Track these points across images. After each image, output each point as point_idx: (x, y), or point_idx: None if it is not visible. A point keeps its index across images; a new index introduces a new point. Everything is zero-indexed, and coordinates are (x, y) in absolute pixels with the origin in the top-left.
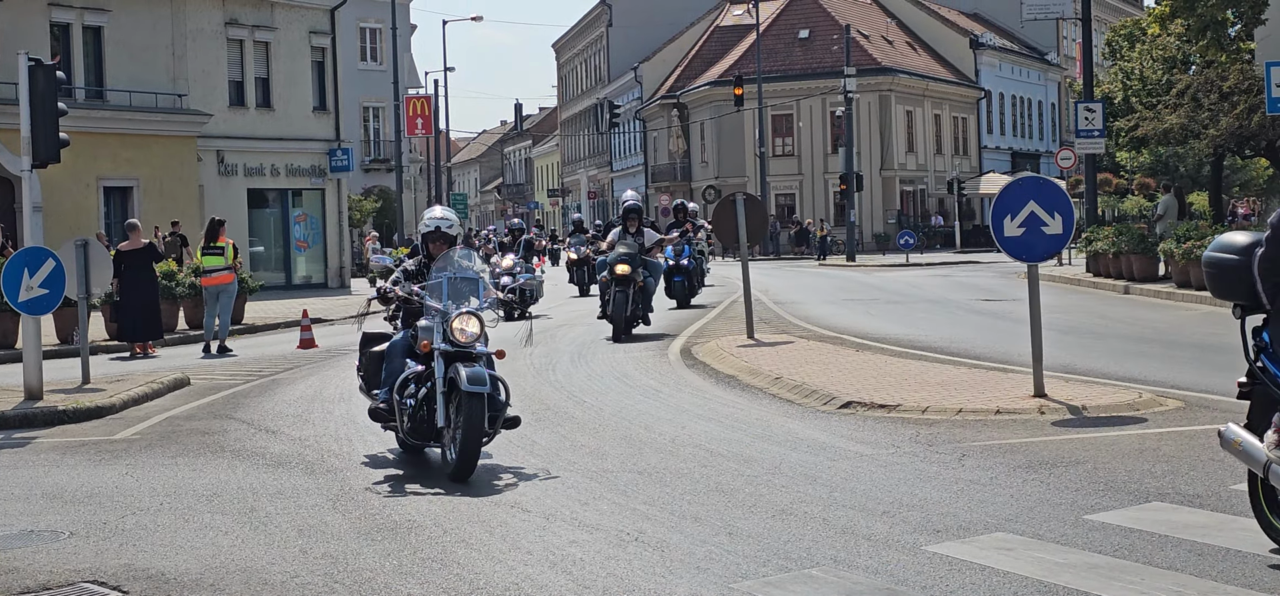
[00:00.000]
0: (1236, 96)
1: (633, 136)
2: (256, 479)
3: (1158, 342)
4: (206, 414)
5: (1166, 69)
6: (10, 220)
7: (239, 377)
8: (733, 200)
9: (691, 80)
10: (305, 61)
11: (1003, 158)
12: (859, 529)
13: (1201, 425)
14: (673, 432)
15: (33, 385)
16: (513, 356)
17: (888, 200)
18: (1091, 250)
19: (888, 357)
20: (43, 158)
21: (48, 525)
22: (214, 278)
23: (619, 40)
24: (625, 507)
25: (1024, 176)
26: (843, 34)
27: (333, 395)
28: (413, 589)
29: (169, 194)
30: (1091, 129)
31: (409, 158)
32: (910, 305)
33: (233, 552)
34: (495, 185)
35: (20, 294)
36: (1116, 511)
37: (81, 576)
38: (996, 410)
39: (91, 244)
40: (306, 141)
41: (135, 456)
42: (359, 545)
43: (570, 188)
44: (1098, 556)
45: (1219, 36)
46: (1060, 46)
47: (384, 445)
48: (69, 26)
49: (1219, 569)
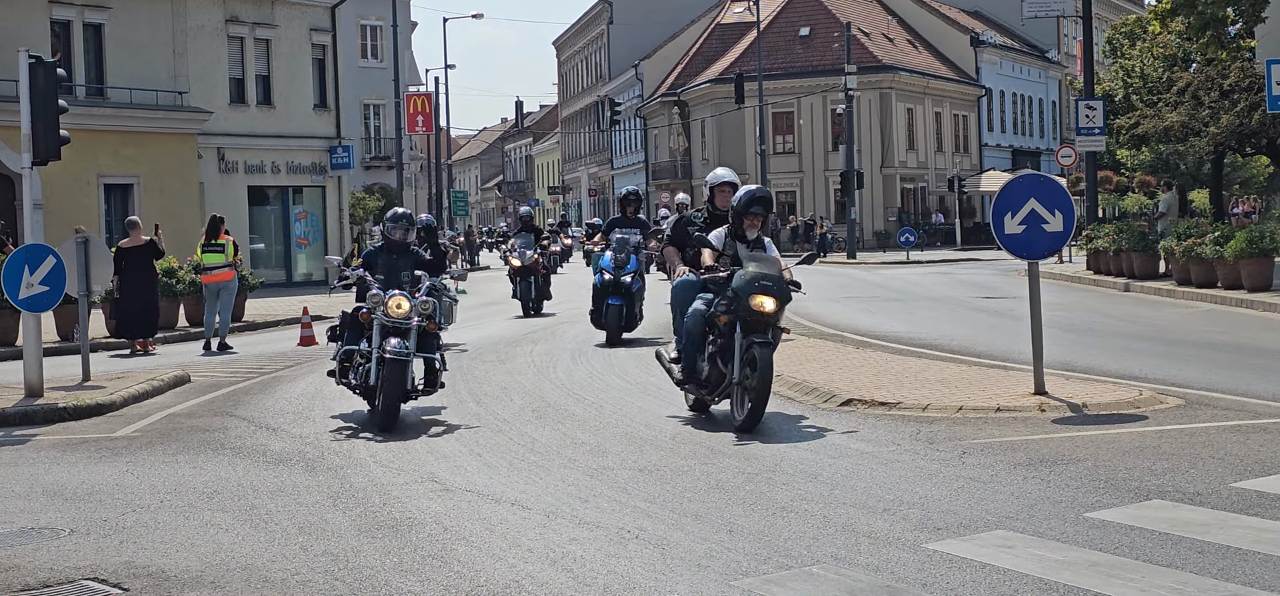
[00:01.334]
0: (1237, 94)
1: (633, 134)
2: (257, 476)
3: (1158, 340)
4: (207, 411)
5: (1167, 67)
6: (11, 217)
7: (239, 375)
8: None
9: (692, 78)
10: (306, 59)
11: (1003, 155)
12: (859, 526)
13: (1202, 423)
14: (673, 430)
15: (33, 382)
16: (513, 355)
17: (888, 198)
18: (1092, 248)
19: (888, 355)
20: (43, 155)
21: (48, 522)
22: (214, 275)
23: (620, 38)
24: (626, 505)
25: (1025, 174)
26: (843, 32)
27: (333, 393)
28: (413, 586)
29: (169, 191)
30: (1092, 126)
31: (410, 155)
32: (910, 303)
33: (233, 550)
34: (496, 183)
35: (21, 291)
36: (1117, 509)
37: (82, 574)
38: (997, 408)
39: (92, 241)
40: (307, 139)
41: (135, 453)
42: (360, 542)
43: (571, 185)
44: (1098, 554)
45: (1219, 34)
46: (1061, 44)
47: (384, 443)
48: (69, 24)
49: (1220, 567)
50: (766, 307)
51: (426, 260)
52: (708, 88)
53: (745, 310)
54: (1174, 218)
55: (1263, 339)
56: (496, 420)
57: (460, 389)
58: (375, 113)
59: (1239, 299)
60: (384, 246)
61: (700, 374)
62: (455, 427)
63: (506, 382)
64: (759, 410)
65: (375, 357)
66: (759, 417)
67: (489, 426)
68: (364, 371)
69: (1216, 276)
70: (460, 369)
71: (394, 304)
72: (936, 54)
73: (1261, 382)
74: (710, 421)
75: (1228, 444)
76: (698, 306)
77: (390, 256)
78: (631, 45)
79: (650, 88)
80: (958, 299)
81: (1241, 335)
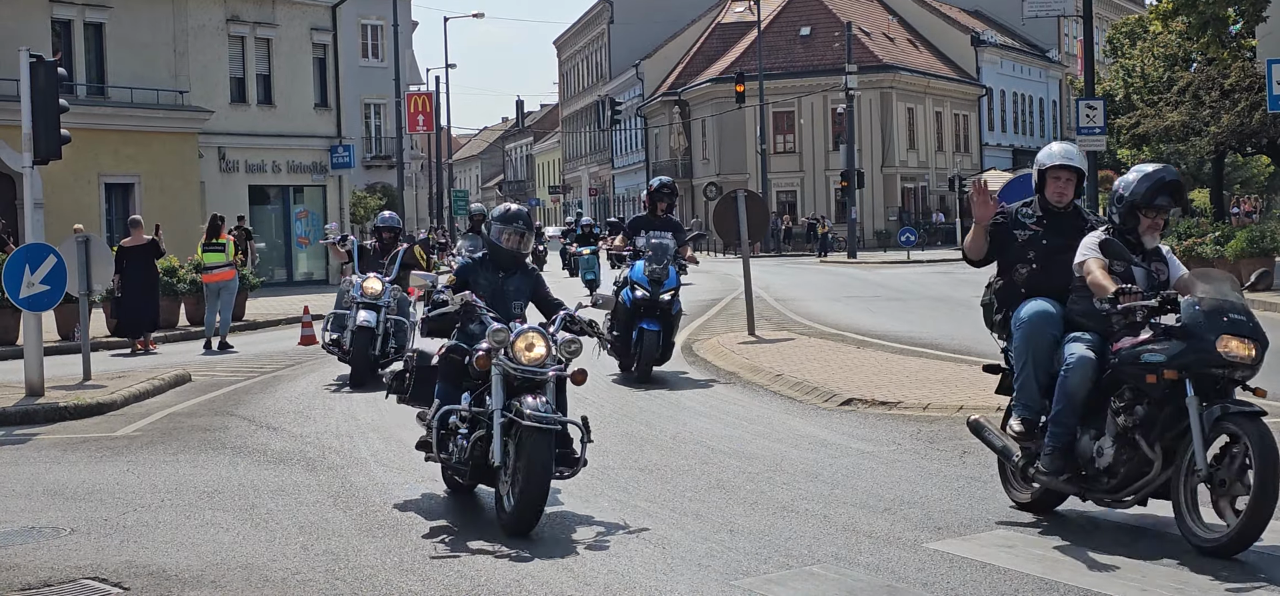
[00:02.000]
0: (1238, 94)
1: (634, 133)
2: (257, 475)
3: None
4: (207, 410)
5: (1168, 66)
6: (12, 216)
7: (240, 374)
8: (734, 197)
9: (693, 77)
10: (307, 58)
11: (1004, 155)
12: (860, 526)
13: None
14: (674, 429)
15: (34, 381)
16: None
17: (889, 197)
18: None
19: (889, 355)
20: (44, 154)
21: (49, 522)
22: (215, 274)
23: (620, 37)
24: (626, 504)
25: (1025, 173)
26: (844, 31)
27: (334, 392)
28: (414, 585)
29: (170, 190)
30: (1093, 126)
31: (410, 154)
32: (911, 302)
33: (234, 549)
34: (496, 182)
35: (22, 290)
36: (1117, 508)
37: (83, 573)
38: (998, 407)
39: (93, 240)
40: (308, 138)
41: (136, 453)
42: (360, 542)
43: (571, 184)
44: (1098, 553)
45: (1220, 34)
46: (1061, 44)
47: (384, 442)
48: (70, 23)
49: (1220, 566)
50: (1242, 353)
51: (544, 285)
52: (708, 87)
53: (1211, 359)
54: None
55: None
56: None
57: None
58: (376, 112)
59: None
60: (488, 259)
61: (1092, 460)
62: None
63: None
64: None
65: (499, 423)
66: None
67: None
68: (473, 444)
69: None
70: None
71: (524, 344)
72: (937, 53)
73: (1262, 382)
74: (712, 419)
75: None
76: (1085, 354)
77: (496, 273)
78: (632, 45)
79: (651, 87)
80: (958, 298)
81: None
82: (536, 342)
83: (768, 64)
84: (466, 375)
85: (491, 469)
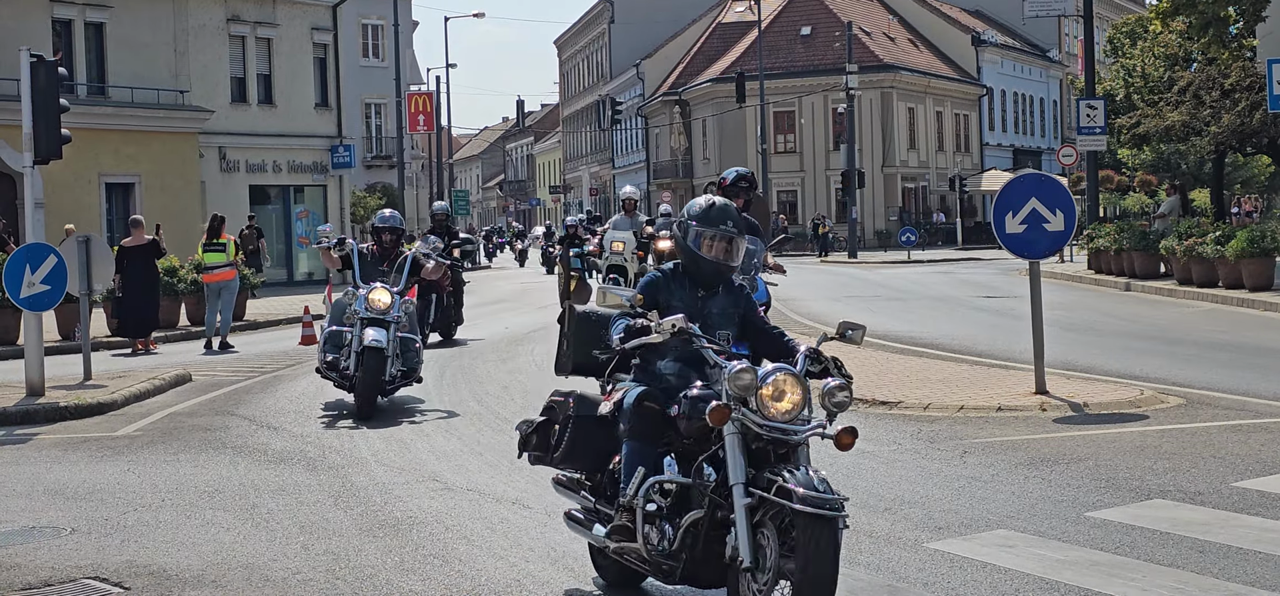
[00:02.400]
0: (1238, 93)
1: (634, 133)
2: (258, 475)
3: (1159, 339)
4: (208, 410)
5: (1168, 66)
6: (12, 216)
7: (241, 374)
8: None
9: (693, 77)
10: (307, 58)
11: (1004, 154)
12: (860, 526)
13: (1203, 423)
14: None
15: (34, 381)
16: (514, 354)
17: (889, 197)
18: (1093, 247)
19: (889, 354)
20: (45, 154)
21: (50, 521)
22: (215, 274)
23: (621, 37)
24: None
25: (1026, 173)
26: (844, 31)
27: (334, 392)
28: (415, 585)
29: (171, 190)
30: (1093, 126)
31: (411, 154)
32: (911, 302)
33: (234, 549)
34: (497, 182)
35: (22, 290)
36: (1118, 508)
37: (83, 572)
38: (998, 407)
39: (93, 240)
40: (308, 138)
41: (137, 453)
42: (361, 542)
43: (572, 184)
44: (1099, 553)
45: (1221, 33)
46: (1062, 43)
47: (385, 442)
48: (71, 23)
49: (1220, 566)
50: None
51: (756, 310)
52: (709, 87)
53: None
54: (1175, 219)
55: (1264, 338)
56: (498, 419)
57: (462, 388)
58: (376, 112)
59: (1240, 298)
60: (680, 272)
61: None
62: (457, 427)
63: (508, 382)
64: None
65: (743, 505)
66: None
67: (491, 425)
68: (684, 531)
69: (1217, 276)
70: (462, 368)
71: (772, 392)
72: (937, 53)
73: (1262, 382)
74: None
75: (1228, 443)
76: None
77: (695, 291)
78: (633, 44)
79: (651, 87)
80: (959, 298)
81: (1242, 335)
82: (788, 388)
83: (768, 64)
84: (665, 431)
85: (727, 565)
